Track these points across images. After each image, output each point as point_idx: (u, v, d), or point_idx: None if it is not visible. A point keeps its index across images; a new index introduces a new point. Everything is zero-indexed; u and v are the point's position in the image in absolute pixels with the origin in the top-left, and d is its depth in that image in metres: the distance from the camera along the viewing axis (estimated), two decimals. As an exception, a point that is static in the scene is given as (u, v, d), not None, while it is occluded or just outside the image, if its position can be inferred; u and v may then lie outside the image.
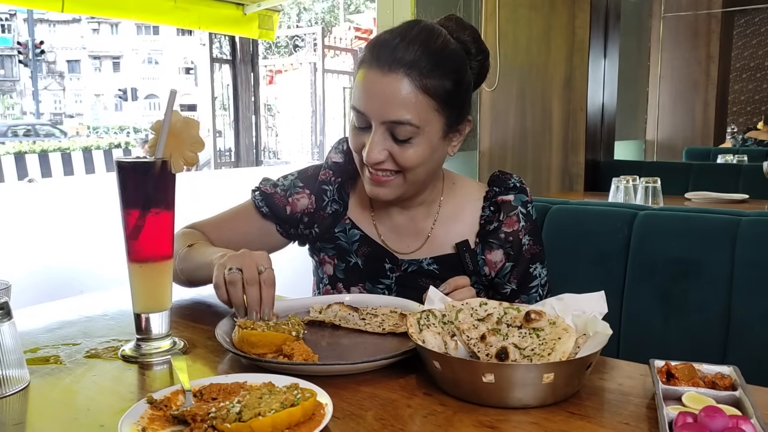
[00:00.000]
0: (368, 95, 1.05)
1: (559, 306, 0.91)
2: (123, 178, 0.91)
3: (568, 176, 3.82)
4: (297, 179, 1.27)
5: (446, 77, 1.05)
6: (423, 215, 1.21)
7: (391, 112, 1.03)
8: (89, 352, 0.95)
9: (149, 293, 0.94)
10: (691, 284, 1.34)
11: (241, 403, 0.68)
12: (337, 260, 1.24)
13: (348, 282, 1.23)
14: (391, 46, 1.04)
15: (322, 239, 1.25)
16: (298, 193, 1.25)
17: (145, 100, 34.96)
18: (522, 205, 1.19)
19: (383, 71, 1.03)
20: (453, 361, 0.78)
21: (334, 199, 1.24)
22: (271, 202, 1.25)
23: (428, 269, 1.19)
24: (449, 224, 1.21)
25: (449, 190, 1.23)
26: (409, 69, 1.02)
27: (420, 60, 1.03)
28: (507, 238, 1.18)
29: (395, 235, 1.22)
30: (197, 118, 0.96)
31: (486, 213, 1.20)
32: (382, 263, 1.21)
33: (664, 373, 0.79)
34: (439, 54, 1.05)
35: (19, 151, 16.71)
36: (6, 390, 0.80)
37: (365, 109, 1.05)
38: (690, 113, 7.16)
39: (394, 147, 1.06)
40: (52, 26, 33.54)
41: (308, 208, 1.24)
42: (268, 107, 19.01)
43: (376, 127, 1.05)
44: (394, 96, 1.03)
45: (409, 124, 1.03)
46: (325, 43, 18.75)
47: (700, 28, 7.03)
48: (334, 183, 1.24)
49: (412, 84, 1.03)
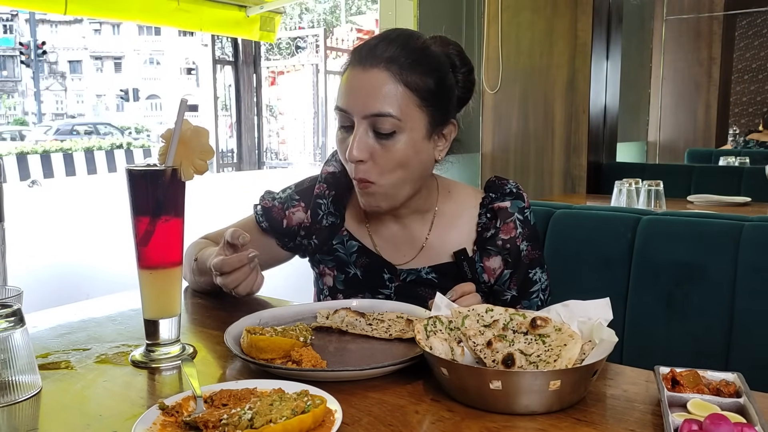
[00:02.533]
0: (349, 92, 1.07)
1: (564, 312, 0.92)
2: (134, 186, 0.92)
3: (571, 179, 3.82)
4: (294, 192, 1.29)
5: (427, 74, 1.07)
6: (418, 224, 1.22)
7: (372, 105, 1.05)
8: (99, 358, 0.96)
9: (159, 299, 0.95)
10: (695, 289, 1.35)
11: (253, 409, 0.69)
12: (337, 272, 1.25)
13: (348, 293, 1.24)
14: (371, 45, 1.08)
15: (321, 251, 1.26)
16: (294, 207, 1.26)
17: (146, 100, 34.99)
18: (519, 212, 1.20)
19: (364, 67, 1.06)
20: (460, 368, 0.79)
21: (329, 212, 1.24)
22: (270, 216, 1.27)
23: (427, 278, 1.20)
24: (445, 232, 1.21)
25: (444, 198, 1.23)
26: (388, 63, 1.05)
27: (400, 56, 1.06)
28: (504, 245, 1.18)
29: (391, 245, 1.23)
30: (202, 123, 0.97)
31: (483, 220, 1.20)
32: (380, 274, 1.22)
33: (669, 379, 0.80)
34: (419, 52, 1.08)
35: (21, 152, 16.75)
36: (19, 396, 0.81)
37: (347, 105, 1.07)
38: (692, 115, 7.16)
39: (376, 146, 1.07)
40: (54, 27, 33.59)
41: (304, 221, 1.26)
42: (270, 109, 19.03)
43: (359, 122, 1.06)
44: (374, 89, 1.05)
45: (390, 116, 1.05)
46: (327, 44, 18.76)
47: (702, 30, 7.03)
48: (328, 196, 1.25)
49: (392, 78, 1.05)
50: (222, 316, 1.19)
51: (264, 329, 0.93)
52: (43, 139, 20.88)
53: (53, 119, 29.88)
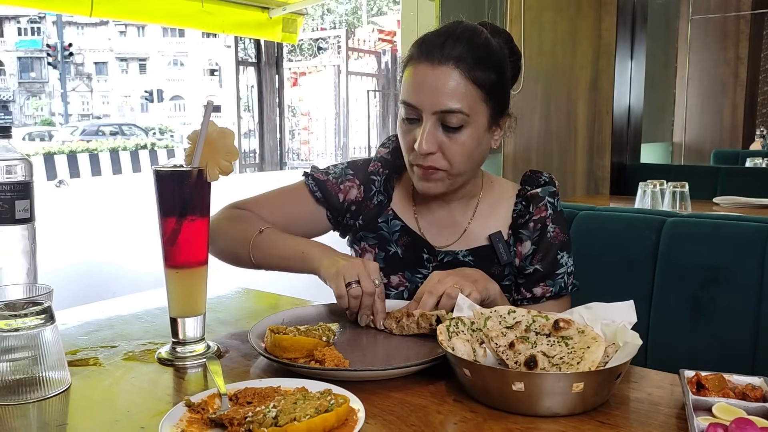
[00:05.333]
0: (420, 88, 1.11)
1: (587, 314, 0.92)
2: (160, 187, 0.93)
3: (594, 180, 3.79)
4: (347, 168, 1.32)
5: (491, 70, 1.12)
6: (462, 210, 1.27)
7: (443, 101, 1.09)
8: (127, 355, 0.98)
9: (185, 298, 0.96)
10: (721, 292, 1.33)
11: (277, 408, 0.70)
12: (378, 249, 1.29)
13: (388, 270, 1.27)
14: (439, 42, 1.11)
15: (366, 229, 1.29)
16: (349, 181, 1.30)
17: (170, 101, 35.39)
18: (549, 195, 1.25)
19: (433, 65, 1.10)
20: (483, 369, 0.79)
21: (380, 190, 1.29)
22: (324, 188, 1.29)
23: (464, 260, 1.24)
24: (485, 219, 1.27)
25: (488, 187, 1.30)
26: (457, 61, 1.09)
27: (467, 53, 1.10)
28: (535, 226, 1.23)
29: (435, 228, 1.27)
30: (225, 124, 0.98)
31: (518, 207, 1.26)
32: (420, 253, 1.26)
33: (694, 383, 0.79)
34: (483, 49, 1.13)
35: (48, 152, 17.04)
36: (49, 391, 0.83)
37: (417, 101, 1.11)
38: (718, 115, 7.05)
39: (444, 139, 1.12)
40: (81, 29, 34.11)
41: (357, 197, 1.29)
42: (291, 109, 19.13)
43: (428, 117, 1.10)
44: (445, 86, 1.09)
45: (460, 113, 1.10)
46: (349, 45, 18.80)
47: (729, 29, 6.92)
48: (382, 174, 1.30)
49: (461, 75, 1.09)
50: (246, 315, 1.21)
51: (287, 329, 0.94)
52: (69, 139, 21.24)
53: (79, 120, 30.35)
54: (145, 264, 5.54)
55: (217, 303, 1.26)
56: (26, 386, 0.82)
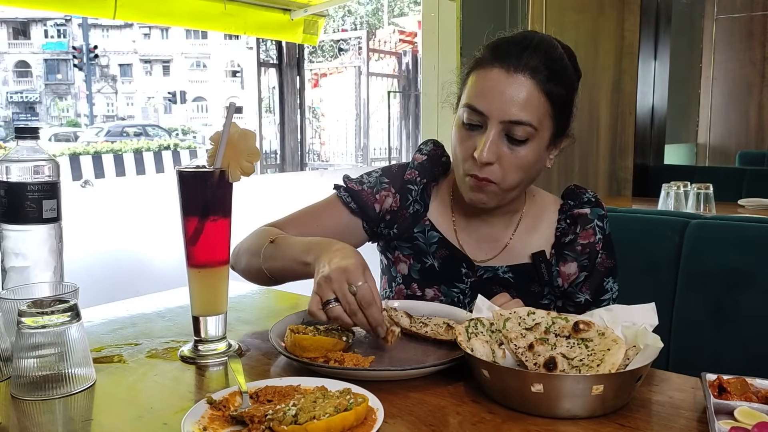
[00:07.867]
0: (490, 94, 1.06)
1: (608, 317, 0.91)
2: (183, 187, 0.95)
3: (616, 181, 3.76)
4: (382, 176, 1.27)
5: (562, 85, 1.09)
6: (504, 225, 1.23)
7: (513, 111, 1.05)
8: (150, 352, 0.99)
9: (207, 297, 0.97)
10: (745, 295, 1.31)
11: (297, 406, 0.71)
12: (413, 260, 1.25)
13: (423, 283, 1.24)
14: (516, 50, 1.07)
15: (400, 238, 1.26)
16: (385, 190, 1.25)
17: (192, 102, 35.73)
18: (599, 219, 1.21)
19: (508, 72, 1.06)
20: (501, 370, 0.79)
21: (416, 199, 1.24)
22: (359, 198, 1.25)
23: (504, 277, 1.20)
24: (527, 235, 1.22)
25: (530, 202, 1.25)
26: (534, 72, 1.06)
27: (544, 65, 1.07)
28: (583, 250, 1.19)
29: (474, 241, 1.23)
30: (247, 125, 0.99)
31: (562, 225, 1.22)
32: (458, 267, 1.22)
33: (715, 387, 0.78)
34: (559, 62, 1.10)
35: (74, 153, 17.31)
36: (74, 387, 0.85)
37: (485, 107, 1.06)
38: (744, 116, 6.93)
39: (505, 150, 1.07)
40: (106, 31, 34.60)
41: (392, 206, 1.24)
42: (312, 110, 19.21)
43: (493, 126, 1.06)
44: (518, 96, 1.05)
45: (528, 125, 1.05)
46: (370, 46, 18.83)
47: (755, 29, 6.80)
48: (419, 183, 1.24)
49: (537, 86, 1.06)
50: (266, 314, 1.22)
51: (307, 328, 0.95)
52: (94, 140, 21.55)
53: (104, 121, 30.77)
54: (169, 263, 5.60)
55: (239, 302, 1.28)
56: (52, 382, 0.84)
